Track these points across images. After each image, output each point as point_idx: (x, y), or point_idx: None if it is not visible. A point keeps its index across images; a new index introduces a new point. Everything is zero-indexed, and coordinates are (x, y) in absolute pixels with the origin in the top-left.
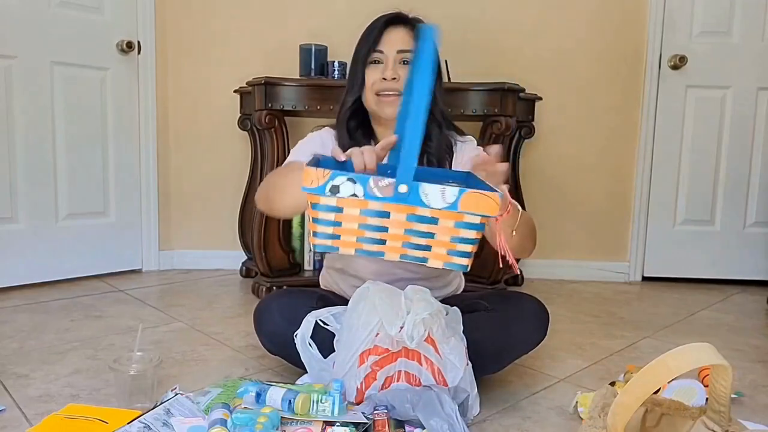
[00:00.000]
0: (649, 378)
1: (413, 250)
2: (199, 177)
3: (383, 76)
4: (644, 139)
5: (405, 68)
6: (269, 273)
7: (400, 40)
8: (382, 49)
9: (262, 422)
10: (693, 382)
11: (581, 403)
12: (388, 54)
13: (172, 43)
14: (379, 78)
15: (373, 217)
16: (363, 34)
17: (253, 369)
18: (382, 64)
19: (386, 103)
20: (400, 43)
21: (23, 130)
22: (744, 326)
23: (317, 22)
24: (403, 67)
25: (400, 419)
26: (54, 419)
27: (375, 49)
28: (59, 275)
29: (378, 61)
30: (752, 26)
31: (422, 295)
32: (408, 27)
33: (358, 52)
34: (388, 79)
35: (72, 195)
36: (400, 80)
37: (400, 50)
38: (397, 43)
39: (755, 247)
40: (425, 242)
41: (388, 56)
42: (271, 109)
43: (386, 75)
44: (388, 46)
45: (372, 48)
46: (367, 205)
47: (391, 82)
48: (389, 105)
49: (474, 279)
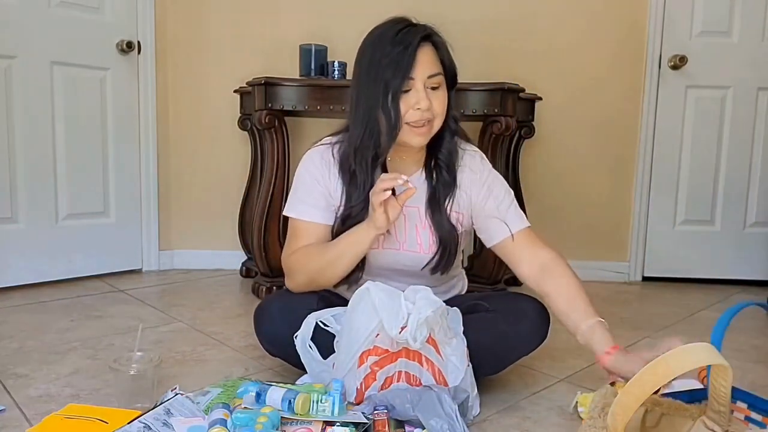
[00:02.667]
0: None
1: None
2: (199, 177)
3: (417, 107)
4: (644, 139)
5: (433, 94)
6: (269, 273)
7: (428, 63)
8: (414, 76)
9: (262, 422)
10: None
11: (581, 403)
12: (418, 80)
13: (172, 43)
14: (410, 108)
15: None
16: (386, 55)
17: (253, 369)
18: (411, 91)
19: (417, 134)
20: (429, 68)
21: (23, 130)
22: (744, 326)
23: (317, 22)
24: (432, 93)
25: (400, 419)
26: (54, 419)
27: (409, 77)
28: (59, 275)
29: (407, 90)
30: (752, 26)
31: (424, 294)
32: (431, 44)
33: (389, 79)
34: (423, 109)
35: (72, 195)
36: (432, 108)
37: (430, 75)
38: (427, 68)
39: (755, 247)
40: None
41: (417, 82)
42: (271, 109)
43: (421, 106)
44: (419, 72)
45: (406, 77)
46: None
47: (426, 112)
48: (421, 135)
49: (474, 279)
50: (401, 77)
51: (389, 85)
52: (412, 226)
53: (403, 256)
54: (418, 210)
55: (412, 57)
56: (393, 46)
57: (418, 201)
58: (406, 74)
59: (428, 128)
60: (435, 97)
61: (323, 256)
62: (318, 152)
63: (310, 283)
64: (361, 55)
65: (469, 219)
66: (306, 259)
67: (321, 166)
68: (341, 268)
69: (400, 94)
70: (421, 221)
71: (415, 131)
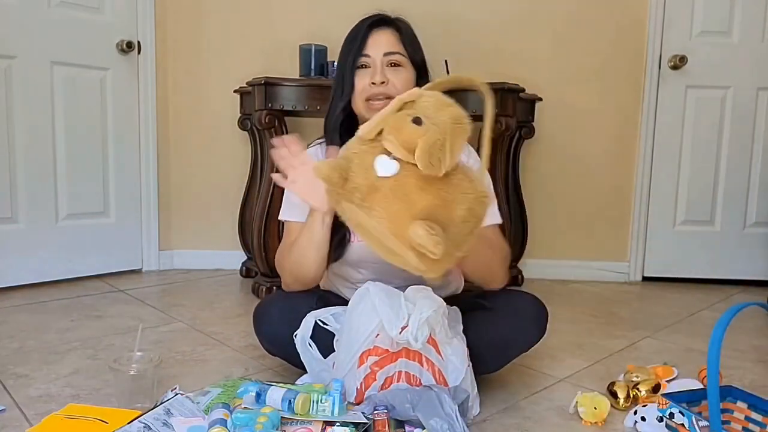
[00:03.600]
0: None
1: None
2: (199, 177)
3: (372, 81)
4: (644, 139)
5: (393, 71)
6: (269, 273)
7: (386, 42)
8: (369, 53)
9: (262, 422)
10: (693, 382)
11: (581, 403)
12: (375, 57)
13: (172, 43)
14: (367, 83)
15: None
16: (347, 39)
17: (253, 369)
18: (370, 68)
19: (376, 109)
20: (387, 46)
21: (23, 130)
22: (744, 326)
23: (317, 22)
24: (391, 70)
25: (400, 419)
26: (54, 419)
27: (362, 53)
28: (59, 275)
29: (365, 66)
30: (752, 26)
31: (424, 293)
32: (393, 28)
33: (344, 57)
34: (377, 83)
35: (72, 195)
36: (389, 84)
37: (386, 53)
38: (384, 45)
39: (755, 247)
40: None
41: (375, 60)
42: (271, 109)
43: (375, 79)
44: (374, 50)
45: (359, 53)
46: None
47: (380, 87)
48: (378, 110)
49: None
50: (355, 53)
51: (345, 59)
52: None
53: None
54: None
55: (365, 35)
56: (356, 27)
57: None
58: (360, 50)
59: (386, 104)
60: (394, 75)
61: (292, 251)
62: (313, 152)
63: (296, 280)
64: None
65: None
66: (282, 258)
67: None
68: (310, 258)
69: (356, 69)
70: None
71: (374, 106)
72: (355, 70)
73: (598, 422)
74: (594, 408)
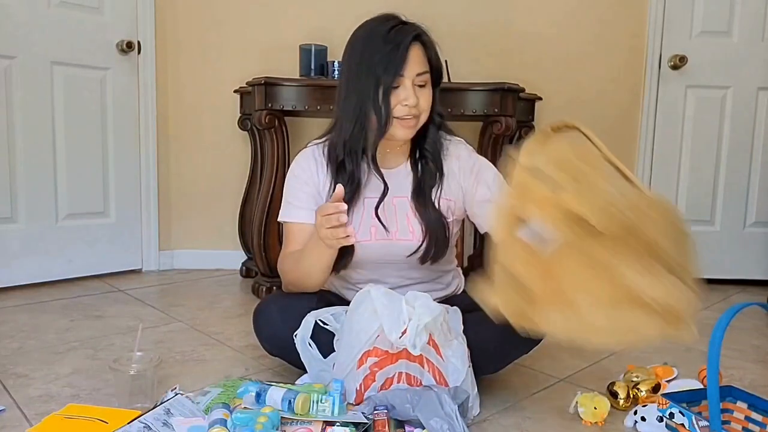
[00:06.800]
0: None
1: None
2: (199, 177)
3: (406, 103)
4: (644, 139)
5: (421, 91)
6: (269, 273)
7: (417, 61)
8: (404, 73)
9: (262, 422)
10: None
11: (581, 403)
12: (408, 77)
13: (172, 43)
14: (399, 104)
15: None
16: (378, 52)
17: (253, 369)
18: (400, 87)
19: (404, 127)
20: (419, 66)
21: (23, 130)
22: (744, 326)
23: (317, 22)
24: (419, 90)
25: (400, 419)
26: (54, 419)
27: (400, 74)
28: (59, 275)
29: (397, 86)
30: (752, 26)
31: (423, 301)
32: (420, 43)
33: (378, 76)
34: (411, 105)
35: (72, 195)
36: (418, 104)
37: (419, 73)
38: (416, 65)
39: (755, 247)
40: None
41: (406, 79)
42: (271, 109)
43: (409, 102)
44: (409, 70)
45: (397, 73)
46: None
47: (413, 108)
48: (407, 129)
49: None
50: (393, 74)
51: (381, 81)
52: (403, 215)
53: (395, 246)
54: (407, 199)
55: (403, 55)
56: (385, 43)
57: (406, 191)
58: (397, 72)
59: (415, 123)
60: (422, 94)
61: (298, 267)
62: (306, 154)
63: (297, 288)
64: (352, 49)
65: (462, 206)
66: (285, 268)
67: (308, 168)
68: (315, 277)
69: (391, 90)
70: (411, 210)
71: (402, 124)
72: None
73: (598, 422)
74: (594, 408)
